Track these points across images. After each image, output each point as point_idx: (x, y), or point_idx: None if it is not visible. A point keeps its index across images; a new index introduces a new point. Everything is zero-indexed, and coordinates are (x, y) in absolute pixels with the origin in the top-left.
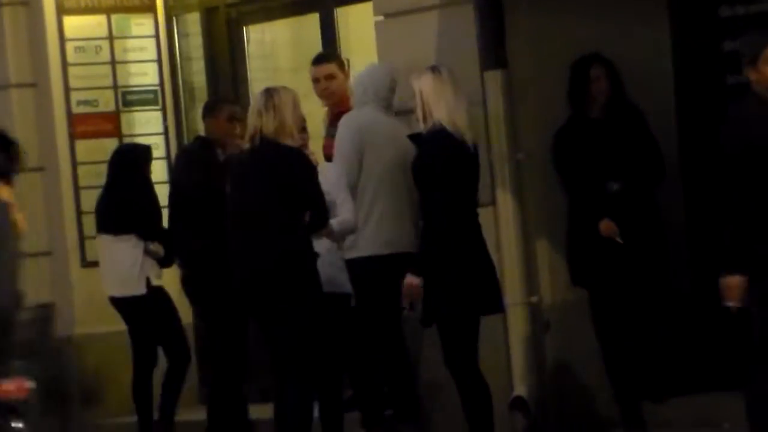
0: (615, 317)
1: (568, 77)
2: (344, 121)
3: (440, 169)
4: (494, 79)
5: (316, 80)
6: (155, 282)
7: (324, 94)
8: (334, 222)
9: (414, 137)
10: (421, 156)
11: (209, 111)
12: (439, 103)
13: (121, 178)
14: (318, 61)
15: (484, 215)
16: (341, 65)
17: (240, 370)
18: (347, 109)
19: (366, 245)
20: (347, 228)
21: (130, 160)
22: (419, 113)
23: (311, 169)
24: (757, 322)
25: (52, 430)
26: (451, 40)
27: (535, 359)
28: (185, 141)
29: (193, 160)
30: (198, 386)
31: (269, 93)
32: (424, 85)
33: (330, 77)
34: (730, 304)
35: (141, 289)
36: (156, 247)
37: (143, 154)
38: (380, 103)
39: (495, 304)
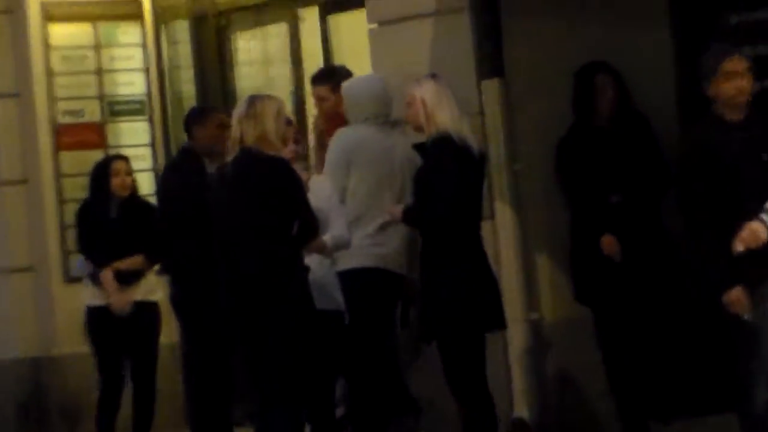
0: (620, 335)
1: (573, 85)
2: (334, 139)
3: (447, 179)
4: (491, 88)
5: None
6: (151, 297)
7: (318, 115)
8: (327, 237)
9: (419, 147)
10: (427, 165)
11: (197, 119)
12: (442, 110)
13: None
14: (312, 81)
15: (483, 228)
16: (334, 87)
17: (227, 391)
18: (331, 133)
19: (349, 258)
20: (341, 243)
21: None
22: (421, 121)
23: (293, 178)
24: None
25: None
26: (446, 48)
27: (536, 378)
28: (173, 152)
29: (180, 173)
30: (184, 407)
31: (251, 101)
32: (426, 92)
33: (321, 99)
34: (746, 317)
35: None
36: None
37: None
38: (374, 119)
39: (499, 319)
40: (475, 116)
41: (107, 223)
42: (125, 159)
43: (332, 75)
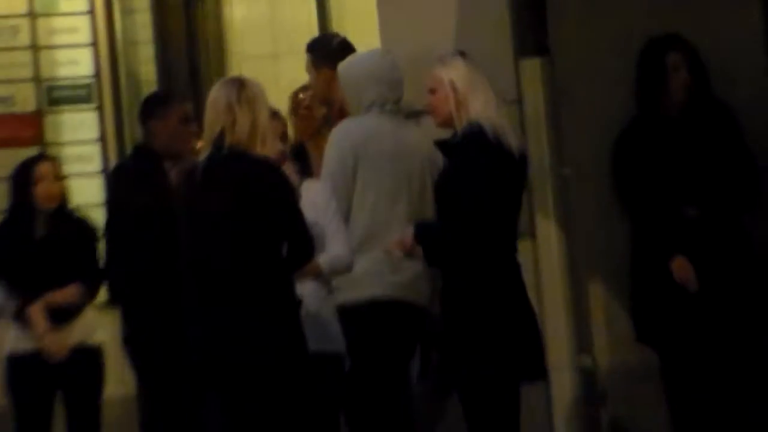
0: (694, 386)
1: (637, 65)
2: (335, 134)
3: (479, 185)
4: (532, 70)
5: None
6: (90, 341)
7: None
8: (322, 258)
9: (442, 144)
10: (453, 168)
11: (154, 110)
12: (476, 97)
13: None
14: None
15: (521, 249)
16: (320, 60)
17: None
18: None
19: (354, 287)
20: (340, 266)
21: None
22: (449, 110)
23: (289, 189)
24: None
25: None
26: (475, 21)
27: None
28: (128, 151)
29: (134, 178)
30: None
31: (240, 83)
32: (456, 73)
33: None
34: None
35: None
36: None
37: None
38: (381, 106)
39: (538, 367)
40: (511, 106)
41: (32, 244)
42: (52, 160)
43: (316, 45)
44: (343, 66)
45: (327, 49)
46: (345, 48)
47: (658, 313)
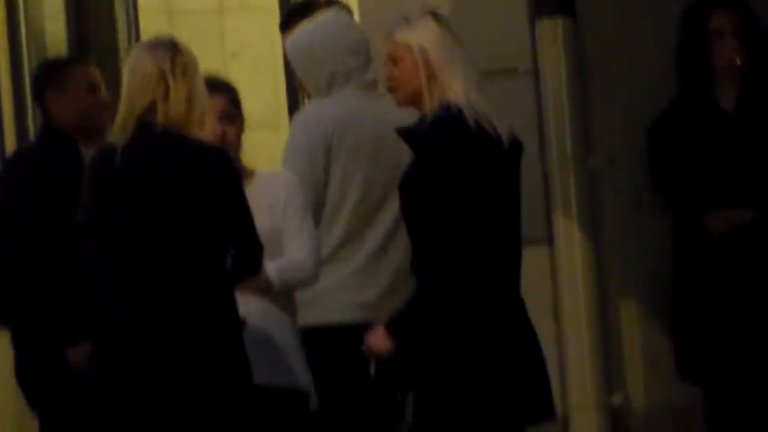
0: (746, 429)
1: (679, 31)
2: (300, 120)
3: (457, 182)
4: (553, 32)
5: None
6: None
7: None
8: (272, 267)
9: (404, 132)
10: (421, 162)
11: (51, 80)
12: (453, 69)
13: None
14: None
15: (534, 260)
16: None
17: None
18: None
19: (326, 307)
20: (299, 275)
21: None
22: (416, 86)
23: (236, 181)
24: None
25: None
26: None
27: None
28: (32, 134)
29: (41, 171)
30: None
31: (172, 45)
32: (427, 37)
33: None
34: None
35: None
36: None
37: None
38: (347, 78)
39: (543, 405)
40: (525, 78)
41: None
42: None
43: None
44: (289, 42)
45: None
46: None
47: (705, 343)
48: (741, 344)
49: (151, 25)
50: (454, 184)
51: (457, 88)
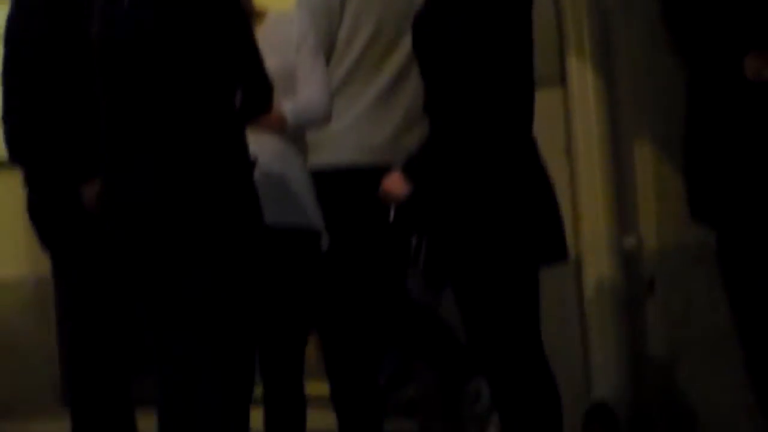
0: (757, 271)
1: None
2: None
3: (471, 21)
4: None
5: None
6: None
7: None
8: (288, 106)
9: None
10: (435, 1)
11: None
12: None
13: None
14: None
15: (546, 100)
16: None
17: (122, 358)
18: None
19: (336, 148)
20: (313, 115)
21: None
22: None
23: (242, 17)
24: None
25: None
26: None
27: (627, 344)
28: None
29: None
30: (60, 385)
31: None
32: None
33: None
34: None
35: None
36: None
37: None
38: None
39: (557, 246)
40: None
41: None
42: None
43: None
44: None
45: None
46: None
47: (720, 184)
48: (755, 186)
49: None
50: (468, 22)
51: None
